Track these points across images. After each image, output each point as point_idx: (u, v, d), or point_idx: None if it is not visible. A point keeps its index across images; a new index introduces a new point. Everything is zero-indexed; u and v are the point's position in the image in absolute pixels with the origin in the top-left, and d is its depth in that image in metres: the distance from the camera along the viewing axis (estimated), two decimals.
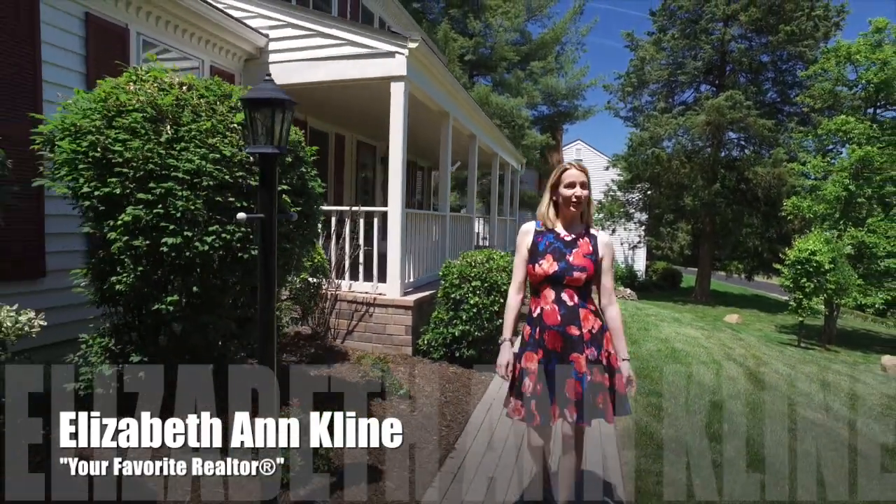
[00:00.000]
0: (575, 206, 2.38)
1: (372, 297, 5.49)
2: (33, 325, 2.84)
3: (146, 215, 2.63)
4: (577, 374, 2.29)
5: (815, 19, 19.97)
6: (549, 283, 2.36)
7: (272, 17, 5.75)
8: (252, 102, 2.24)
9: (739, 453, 3.77)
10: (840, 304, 15.33)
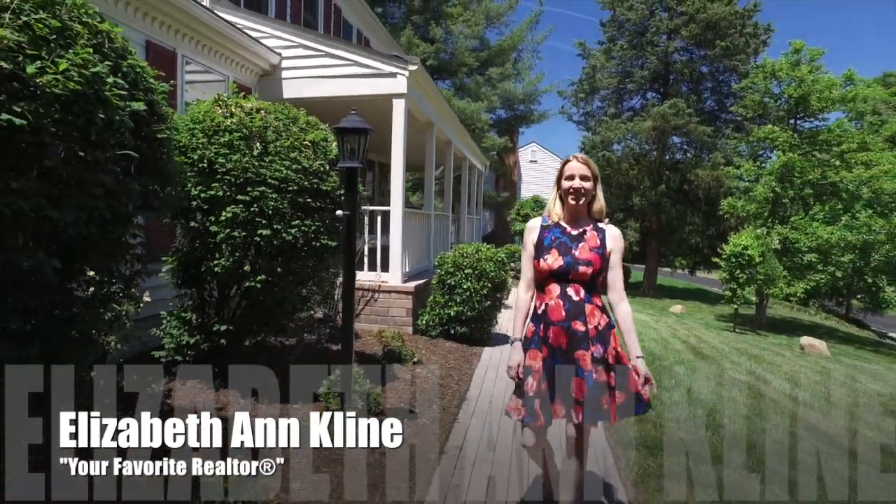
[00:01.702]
0: (574, 199, 2.31)
1: (377, 285, 6.33)
2: (140, 306, 3.59)
3: (243, 212, 3.42)
4: (582, 373, 2.22)
5: (747, 36, 21.94)
6: (555, 279, 2.30)
7: (285, 38, 6.50)
8: (343, 130, 3.10)
9: (683, 398, 4.86)
10: (769, 293, 17.15)
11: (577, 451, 2.32)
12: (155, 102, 2.15)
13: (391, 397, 4.18)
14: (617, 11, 23.63)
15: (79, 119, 1.69)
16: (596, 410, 2.19)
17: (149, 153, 2.12)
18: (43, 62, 1.57)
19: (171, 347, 4.02)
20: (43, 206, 1.68)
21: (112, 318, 2.81)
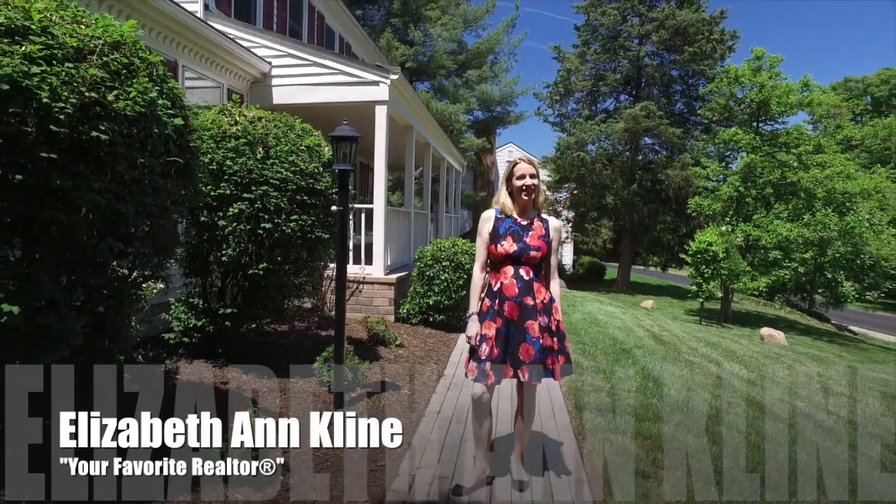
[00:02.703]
0: (526, 195, 2.77)
1: (361, 277, 6.84)
2: (156, 286, 4.06)
3: (248, 209, 3.91)
4: (531, 339, 2.68)
5: (714, 42, 22.89)
6: (510, 261, 2.75)
7: (275, 48, 6.96)
8: (337, 138, 3.62)
9: (637, 374, 5.46)
10: (734, 288, 18.05)
11: (527, 405, 2.89)
12: (188, 117, 2.65)
13: (377, 373, 4.70)
14: (591, 16, 24.44)
15: (140, 133, 2.19)
16: (540, 370, 2.72)
17: (184, 161, 2.61)
18: (117, 91, 2.07)
19: (179, 330, 4.48)
20: (113, 201, 2.17)
21: (138, 299, 3.28)
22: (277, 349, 5.16)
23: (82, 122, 2.02)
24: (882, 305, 33.13)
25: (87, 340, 2.71)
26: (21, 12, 1.91)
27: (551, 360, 2.76)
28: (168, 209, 2.64)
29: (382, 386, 4.41)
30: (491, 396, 2.85)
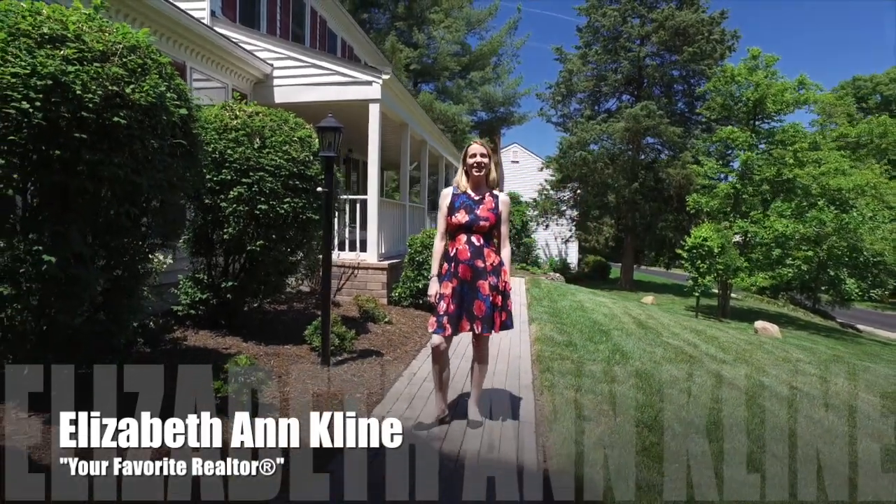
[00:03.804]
0: (477, 171, 3.21)
1: (356, 262, 7.34)
2: (165, 263, 4.59)
3: (246, 192, 4.42)
4: (482, 296, 3.14)
5: (714, 42, 23.21)
6: (463, 230, 3.19)
7: (276, 51, 7.50)
8: (322, 129, 4.13)
9: (607, 349, 5.90)
10: (732, 284, 18.37)
11: (481, 355, 3.38)
12: (192, 108, 3.16)
13: (364, 343, 5.20)
14: (592, 18, 24.84)
15: (152, 120, 2.70)
16: (491, 323, 3.19)
17: (188, 145, 3.12)
18: (134, 85, 2.58)
19: (186, 303, 5.01)
20: (129, 174, 2.68)
21: (148, 272, 3.80)
22: (276, 325, 5.67)
23: (106, 110, 2.53)
24: (893, 305, 33.04)
25: (105, 299, 3.24)
26: (60, 24, 2.44)
27: (497, 315, 3.24)
28: (175, 185, 3.15)
29: (367, 353, 4.91)
30: (448, 347, 3.31)
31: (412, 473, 2.63)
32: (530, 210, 25.37)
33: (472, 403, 3.44)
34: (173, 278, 5.21)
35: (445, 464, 2.81)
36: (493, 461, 2.87)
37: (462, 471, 2.74)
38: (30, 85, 2.29)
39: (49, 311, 2.88)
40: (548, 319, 7.24)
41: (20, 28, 2.39)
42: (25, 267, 2.60)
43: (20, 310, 2.71)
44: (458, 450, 2.99)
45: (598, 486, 2.65)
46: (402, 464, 2.73)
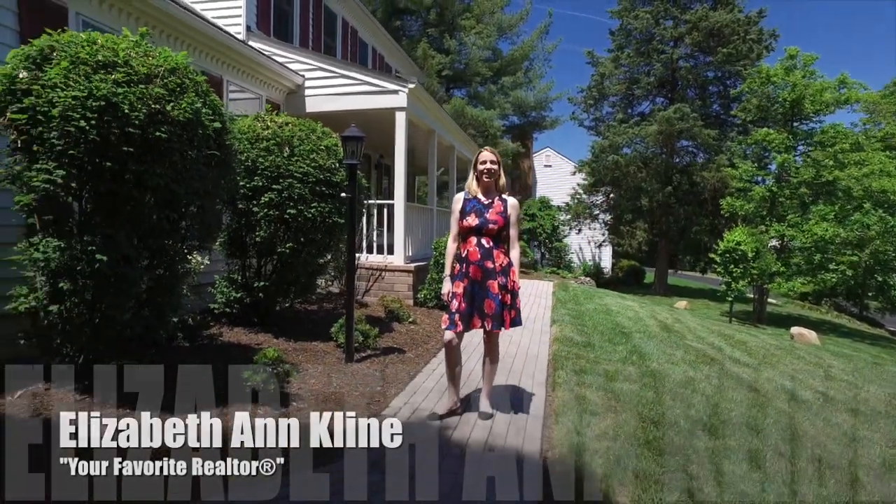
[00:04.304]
0: (487, 177, 3.42)
1: (384, 265, 7.62)
2: (202, 264, 4.94)
3: (276, 197, 4.74)
4: (492, 295, 3.34)
5: (750, 42, 22.76)
6: (474, 233, 3.39)
7: (307, 63, 7.87)
8: (345, 138, 4.40)
9: (625, 349, 6.00)
10: (768, 289, 17.97)
11: (491, 350, 3.57)
12: (225, 121, 3.47)
13: (388, 341, 5.45)
14: (624, 21, 24.69)
15: (190, 133, 3.02)
16: (501, 320, 3.38)
17: (222, 155, 3.44)
18: (173, 103, 2.90)
19: (222, 301, 5.36)
20: (170, 183, 3.00)
21: (187, 272, 4.14)
22: (305, 323, 5.97)
23: (149, 126, 2.85)
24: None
25: (149, 297, 3.57)
26: (112, 51, 2.78)
27: (506, 313, 3.44)
28: (210, 192, 3.46)
29: (390, 350, 5.16)
30: (459, 342, 3.53)
31: (417, 457, 2.86)
32: (562, 214, 25.31)
33: (484, 397, 3.64)
34: (210, 279, 5.58)
35: (451, 449, 3.02)
36: (497, 448, 3.06)
37: (465, 455, 2.95)
38: (86, 106, 2.63)
39: (100, 306, 3.21)
40: (569, 321, 7.36)
41: (80, 56, 2.74)
42: (81, 265, 2.94)
43: (77, 303, 3.05)
44: (466, 437, 3.19)
45: (595, 473, 2.81)
46: (416, 447, 2.97)
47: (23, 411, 3.04)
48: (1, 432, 2.72)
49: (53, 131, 2.69)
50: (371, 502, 2.39)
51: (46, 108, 2.68)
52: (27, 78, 2.72)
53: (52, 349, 3.39)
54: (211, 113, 3.23)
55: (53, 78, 2.69)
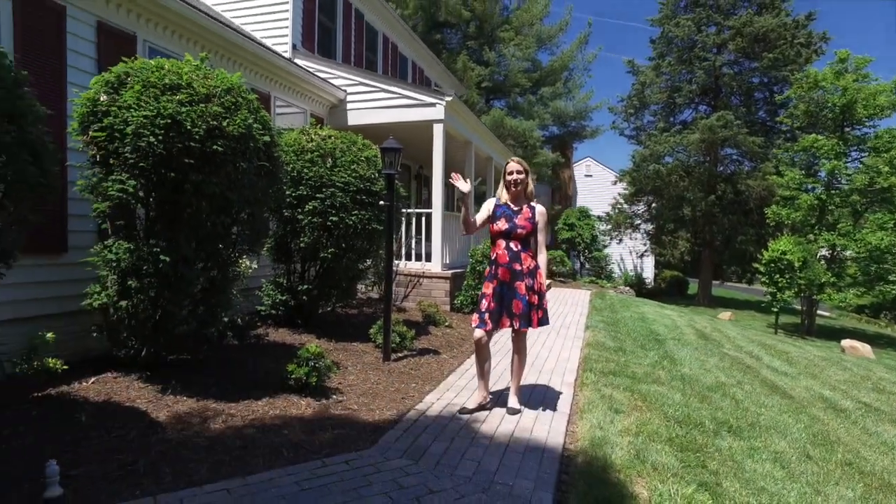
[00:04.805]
0: (514, 186, 3.66)
1: (422, 272, 7.88)
2: (251, 268, 5.30)
3: (319, 206, 5.06)
4: (519, 296, 3.55)
5: (798, 46, 22.17)
6: (502, 236, 3.64)
7: (349, 78, 8.26)
8: (384, 149, 4.69)
9: (657, 355, 6.04)
10: (818, 299, 17.34)
11: (519, 349, 3.76)
12: (273, 135, 3.80)
13: (424, 343, 5.68)
14: (665, 28, 24.46)
15: (242, 146, 3.34)
16: (527, 320, 3.58)
17: (271, 167, 3.76)
18: (228, 120, 3.23)
19: (268, 304, 5.71)
20: (224, 191, 3.32)
21: (237, 276, 4.48)
22: (346, 325, 6.27)
23: (207, 140, 3.19)
24: None
25: (203, 296, 3.91)
26: (176, 75, 3.14)
27: (534, 313, 3.62)
28: (260, 200, 3.80)
29: (425, 351, 5.39)
30: (488, 340, 3.73)
31: (446, 445, 3.07)
32: (602, 224, 25.10)
33: (512, 393, 3.82)
34: (258, 283, 5.95)
35: (479, 439, 3.21)
36: (522, 439, 3.24)
37: (490, 444, 3.14)
38: (155, 123, 2.99)
39: (162, 302, 3.56)
40: (603, 328, 7.43)
41: (150, 80, 3.11)
42: (147, 265, 3.29)
43: (142, 300, 3.41)
44: (493, 430, 3.38)
45: (613, 464, 2.95)
46: (445, 437, 3.18)
47: (95, 395, 3.40)
48: (80, 410, 3.11)
49: (127, 146, 3.07)
50: (402, 483, 2.59)
51: (122, 126, 3.06)
52: (106, 101, 3.11)
53: (120, 341, 3.77)
54: (261, 128, 3.55)
55: (128, 100, 3.07)
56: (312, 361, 3.84)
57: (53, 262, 4.12)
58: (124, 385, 3.61)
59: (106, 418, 3.08)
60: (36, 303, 4.00)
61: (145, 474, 2.54)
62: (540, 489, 2.60)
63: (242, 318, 5.31)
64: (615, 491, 2.65)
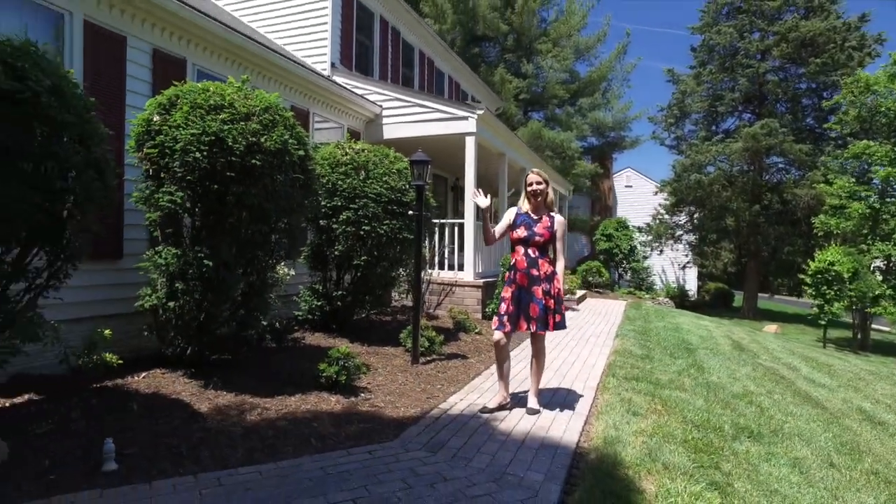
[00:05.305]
0: (534, 196, 3.84)
1: (454, 280, 8.08)
2: (288, 275, 5.61)
3: (352, 216, 5.34)
4: (536, 300, 3.73)
5: (849, 50, 21.43)
6: (521, 243, 3.83)
7: (384, 94, 8.61)
8: (413, 162, 4.93)
9: (688, 366, 6.03)
10: (873, 312, 16.60)
11: (537, 350, 3.93)
12: (308, 149, 4.10)
13: (452, 348, 5.87)
14: (707, 36, 24.10)
15: (278, 160, 3.64)
16: (544, 323, 3.74)
17: (305, 179, 4.05)
18: (266, 136, 3.54)
19: (305, 309, 6.02)
20: (262, 202, 3.62)
21: (274, 282, 4.79)
22: (379, 331, 6.52)
23: (247, 155, 3.50)
24: None
25: (243, 300, 4.22)
26: (220, 96, 3.48)
27: (550, 317, 3.77)
28: (296, 210, 4.09)
29: (453, 355, 5.57)
30: (508, 342, 3.89)
31: (464, 439, 3.24)
32: (643, 234, 24.73)
33: (531, 394, 3.97)
34: (295, 290, 6.28)
35: (496, 436, 3.37)
36: (537, 437, 3.38)
37: (507, 441, 3.30)
38: (201, 140, 3.32)
39: (205, 304, 3.88)
40: (633, 336, 7.44)
41: (196, 102, 3.46)
42: (192, 269, 3.61)
43: (188, 301, 3.73)
44: (511, 428, 3.53)
45: (623, 461, 3.06)
46: (463, 433, 3.36)
47: (145, 387, 3.73)
48: (132, 400, 3.42)
49: (176, 161, 3.41)
50: (418, 471, 2.78)
51: (171, 144, 3.41)
52: (159, 121, 3.47)
53: (168, 340, 4.11)
54: (296, 143, 3.85)
55: (177, 119, 3.42)
56: (342, 361, 4.08)
57: (111, 267, 4.52)
58: (171, 380, 3.94)
59: (154, 408, 3.39)
60: (95, 304, 4.40)
61: (187, 457, 2.81)
62: (549, 481, 2.74)
63: (280, 323, 5.63)
64: (622, 485, 2.76)
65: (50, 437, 2.87)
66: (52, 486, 2.43)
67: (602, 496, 2.61)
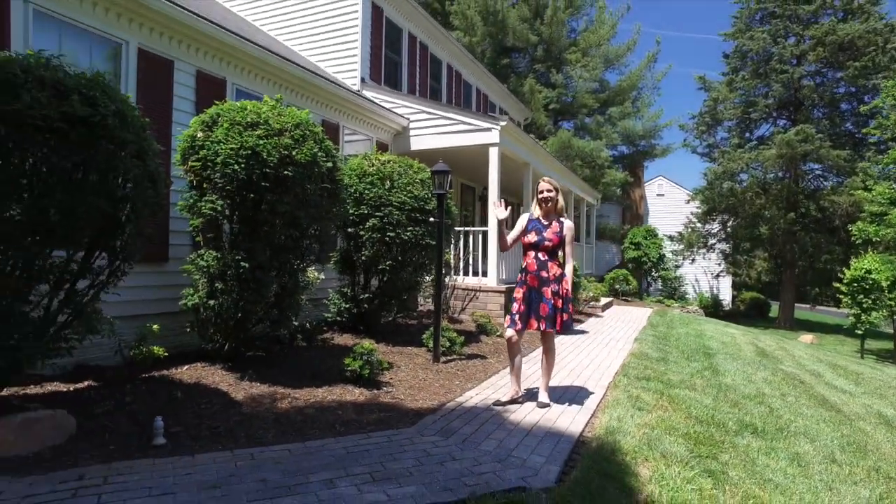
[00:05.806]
0: (545, 203, 4.12)
1: (478, 286, 8.36)
2: (318, 279, 5.99)
3: (378, 223, 5.68)
4: (545, 300, 3.99)
5: (892, 52, 20.86)
6: (532, 247, 4.10)
7: (411, 107, 8.99)
8: (435, 172, 5.25)
9: (703, 368, 6.14)
10: None
11: (547, 348, 4.20)
12: (335, 161, 4.46)
13: (473, 349, 6.13)
14: (739, 42, 23.85)
15: (308, 171, 4.01)
16: (553, 322, 3.99)
17: (333, 188, 4.42)
18: (297, 149, 3.91)
19: (334, 311, 6.38)
20: (293, 210, 3.99)
21: (305, 285, 5.16)
22: (404, 333, 6.83)
23: (280, 167, 3.88)
24: None
25: (276, 301, 4.58)
26: (256, 114, 3.88)
27: (558, 316, 4.02)
28: (325, 217, 4.45)
29: (473, 356, 5.84)
30: (519, 339, 4.16)
31: (475, 427, 3.51)
32: (674, 243, 24.48)
33: (542, 389, 4.21)
34: (325, 293, 6.65)
35: (505, 425, 3.62)
36: (544, 427, 3.62)
37: (515, 430, 3.55)
38: (239, 154, 3.72)
39: (242, 303, 4.26)
40: (651, 341, 7.56)
41: (235, 119, 3.87)
42: (230, 270, 4.00)
43: (226, 299, 4.11)
44: (520, 419, 3.78)
45: (622, 449, 3.27)
46: (475, 422, 3.62)
47: (187, 378, 4.12)
48: (176, 388, 3.81)
49: (217, 173, 3.82)
50: (430, 452, 3.06)
51: (213, 157, 3.82)
52: (202, 137, 3.88)
53: (208, 336, 4.50)
54: (325, 155, 4.22)
55: (218, 136, 3.83)
56: (366, 356, 4.40)
57: (158, 269, 4.97)
58: (210, 372, 4.33)
59: (196, 395, 3.77)
60: (144, 303, 4.85)
61: (225, 435, 3.17)
62: (549, 463, 2.99)
63: (310, 323, 5.99)
64: (618, 468, 2.99)
65: (108, 416, 3.27)
66: (111, 455, 2.82)
67: (598, 476, 2.84)
